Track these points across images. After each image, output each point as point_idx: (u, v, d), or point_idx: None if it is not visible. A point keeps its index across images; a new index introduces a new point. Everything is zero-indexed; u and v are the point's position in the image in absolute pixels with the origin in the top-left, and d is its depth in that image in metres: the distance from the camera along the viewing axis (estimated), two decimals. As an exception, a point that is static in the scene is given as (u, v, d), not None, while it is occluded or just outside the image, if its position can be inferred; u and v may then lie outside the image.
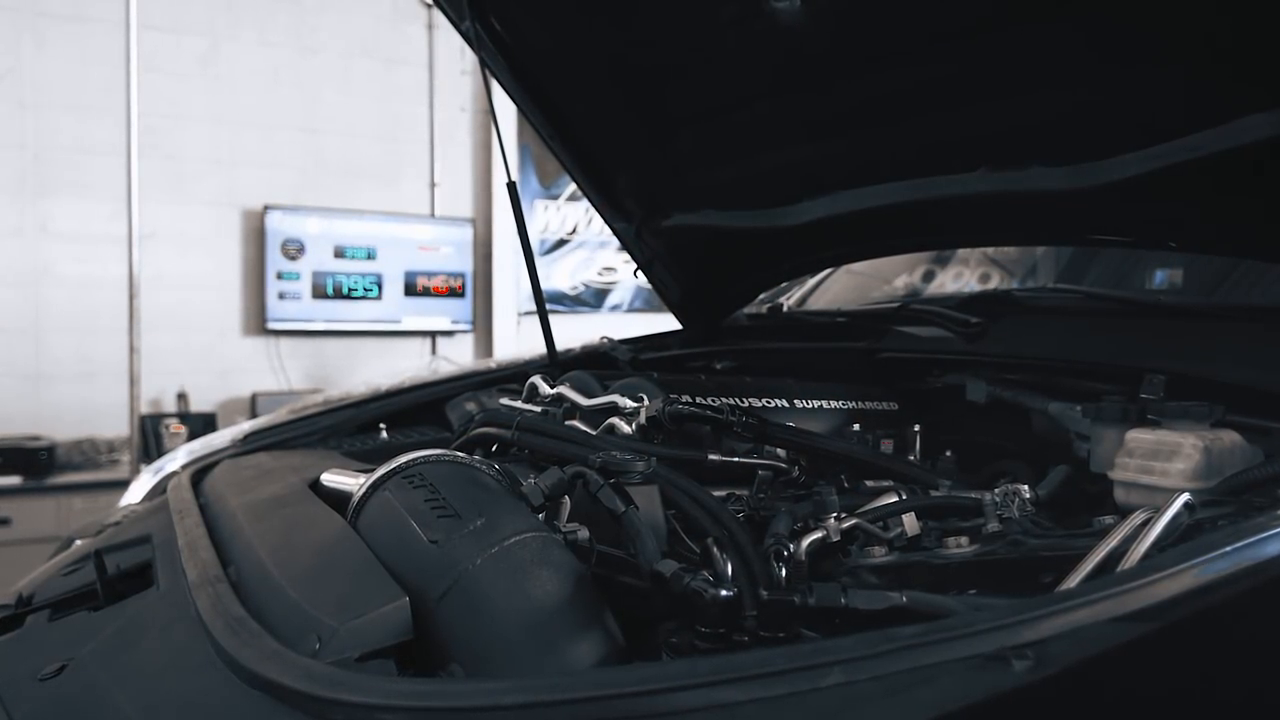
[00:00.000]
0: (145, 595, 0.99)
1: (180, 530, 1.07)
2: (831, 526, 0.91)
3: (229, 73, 5.08)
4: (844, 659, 0.57)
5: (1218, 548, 0.63)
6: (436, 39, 5.53)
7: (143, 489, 1.78)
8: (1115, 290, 1.61)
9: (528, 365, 2.14)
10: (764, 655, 0.58)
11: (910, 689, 0.54)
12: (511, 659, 0.71)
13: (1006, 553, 0.87)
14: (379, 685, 0.63)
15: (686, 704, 0.56)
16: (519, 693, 0.59)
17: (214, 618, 0.78)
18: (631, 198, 2.07)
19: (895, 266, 2.50)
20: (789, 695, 0.56)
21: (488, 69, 1.85)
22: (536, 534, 0.80)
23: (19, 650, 0.95)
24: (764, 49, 1.54)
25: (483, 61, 1.83)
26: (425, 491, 0.85)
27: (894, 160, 1.55)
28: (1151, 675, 0.58)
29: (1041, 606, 0.58)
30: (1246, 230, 1.23)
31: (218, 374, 5.15)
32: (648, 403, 1.20)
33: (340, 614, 0.73)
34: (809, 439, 1.18)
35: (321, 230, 5.23)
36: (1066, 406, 1.30)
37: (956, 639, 0.57)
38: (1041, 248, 2.30)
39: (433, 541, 0.79)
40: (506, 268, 5.77)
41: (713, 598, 0.69)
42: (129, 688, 0.77)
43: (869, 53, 1.43)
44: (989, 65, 1.33)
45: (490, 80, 1.87)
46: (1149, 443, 1.01)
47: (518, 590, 0.74)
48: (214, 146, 5.07)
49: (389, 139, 5.49)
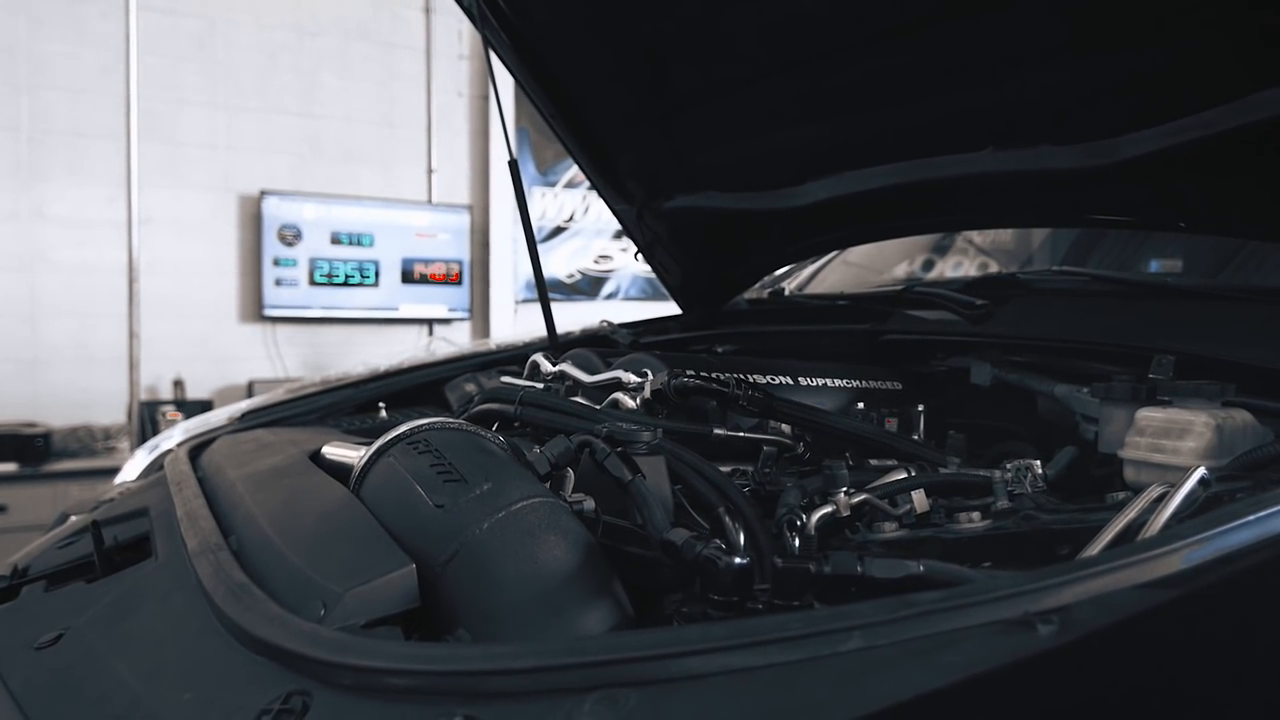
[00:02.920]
0: (143, 566, 0.98)
1: (179, 501, 1.06)
2: (841, 501, 0.90)
3: (226, 56, 5.05)
4: (863, 624, 0.55)
5: (1240, 517, 0.62)
6: (434, 23, 5.49)
7: (138, 467, 1.76)
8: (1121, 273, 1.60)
9: (527, 347, 2.13)
10: (780, 620, 0.57)
11: (934, 653, 0.52)
12: (519, 624, 0.70)
13: (1019, 527, 0.86)
14: (387, 648, 0.61)
15: (701, 668, 0.55)
16: (530, 656, 0.58)
17: (215, 584, 0.77)
18: (634, 179, 2.05)
19: (891, 257, 2.48)
20: (807, 660, 0.54)
21: (490, 46, 1.84)
22: (544, 499, 0.78)
23: (15, 620, 0.94)
24: (770, 27, 1.53)
25: (485, 39, 1.81)
26: (431, 457, 0.84)
27: (900, 140, 1.54)
28: (1174, 642, 0.57)
29: (1065, 573, 0.57)
30: (1257, 210, 1.22)
31: (214, 361, 5.12)
32: (652, 377, 1.19)
33: (345, 580, 0.72)
34: (815, 415, 1.17)
35: (318, 216, 5.20)
36: (1073, 389, 1.29)
37: (979, 604, 0.55)
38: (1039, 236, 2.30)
39: (438, 506, 0.77)
40: (504, 255, 5.75)
41: (726, 565, 0.68)
42: (128, 655, 0.76)
43: (875, 30, 1.42)
44: (996, 42, 1.32)
45: (492, 59, 1.85)
46: (1160, 421, 0.99)
47: (526, 555, 0.73)
48: (211, 131, 5.03)
49: (386, 124, 5.46)
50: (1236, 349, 1.15)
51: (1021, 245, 2.44)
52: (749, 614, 0.69)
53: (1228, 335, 1.19)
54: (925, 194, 1.54)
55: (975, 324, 1.43)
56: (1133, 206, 1.30)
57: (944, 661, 0.52)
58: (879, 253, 2.45)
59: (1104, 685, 0.53)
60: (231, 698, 0.65)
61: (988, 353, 1.43)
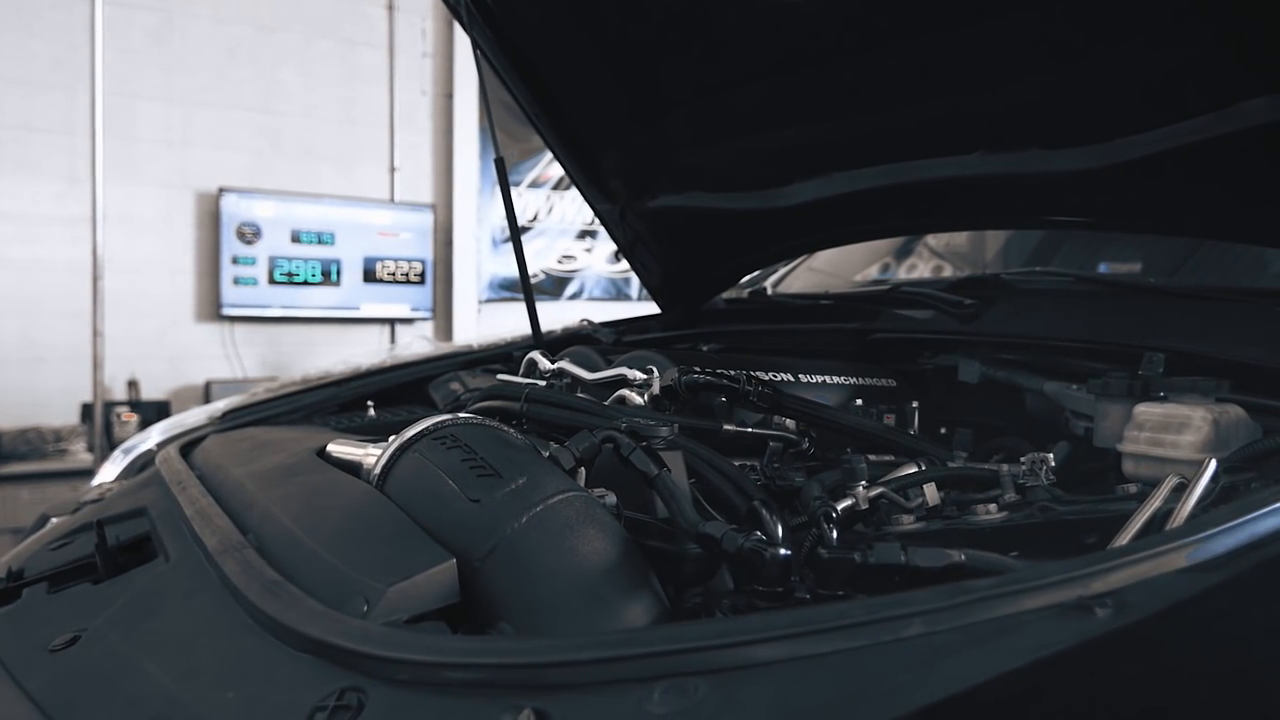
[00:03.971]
0: (152, 566, 0.96)
1: (184, 501, 1.03)
2: (860, 495, 0.91)
3: (182, 50, 4.94)
4: (923, 610, 0.57)
5: (1267, 505, 0.65)
6: (397, 20, 5.44)
7: (115, 468, 1.72)
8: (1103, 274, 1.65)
9: (510, 346, 2.13)
10: (842, 608, 0.58)
11: (998, 637, 0.54)
12: (562, 617, 0.70)
13: (1038, 518, 0.89)
14: (445, 643, 0.61)
15: (768, 656, 0.56)
16: (595, 647, 0.58)
17: (247, 582, 0.75)
18: (618, 178, 2.05)
19: (855, 262, 2.51)
20: (871, 646, 0.56)
21: (478, 49, 1.83)
22: (579, 493, 0.79)
23: (19, 623, 0.92)
24: (763, 28, 1.54)
25: (474, 41, 1.80)
26: (461, 451, 0.83)
27: (889, 142, 1.56)
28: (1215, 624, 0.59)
29: (1112, 559, 0.59)
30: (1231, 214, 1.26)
31: (169, 361, 5.02)
32: (657, 374, 1.20)
33: (385, 576, 0.71)
34: (822, 411, 1.18)
35: (278, 214, 5.12)
36: (1062, 385, 1.33)
37: (1034, 590, 0.57)
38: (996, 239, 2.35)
39: (474, 500, 0.77)
40: (467, 255, 5.71)
41: (772, 557, 0.69)
42: (158, 655, 0.74)
43: (869, 33, 1.44)
44: (987, 48, 1.34)
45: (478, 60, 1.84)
46: (1159, 416, 1.03)
47: (566, 548, 0.73)
48: (167, 126, 4.93)
49: (348, 122, 5.39)
50: (1220, 346, 1.19)
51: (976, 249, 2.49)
52: (800, 603, 0.70)
53: (1210, 332, 1.23)
54: (913, 195, 1.57)
55: (964, 323, 1.46)
56: (1123, 210, 1.34)
57: (1011, 645, 0.53)
58: (843, 258, 2.48)
59: (1158, 667, 0.55)
60: (278, 695, 0.64)
61: (976, 350, 1.46)
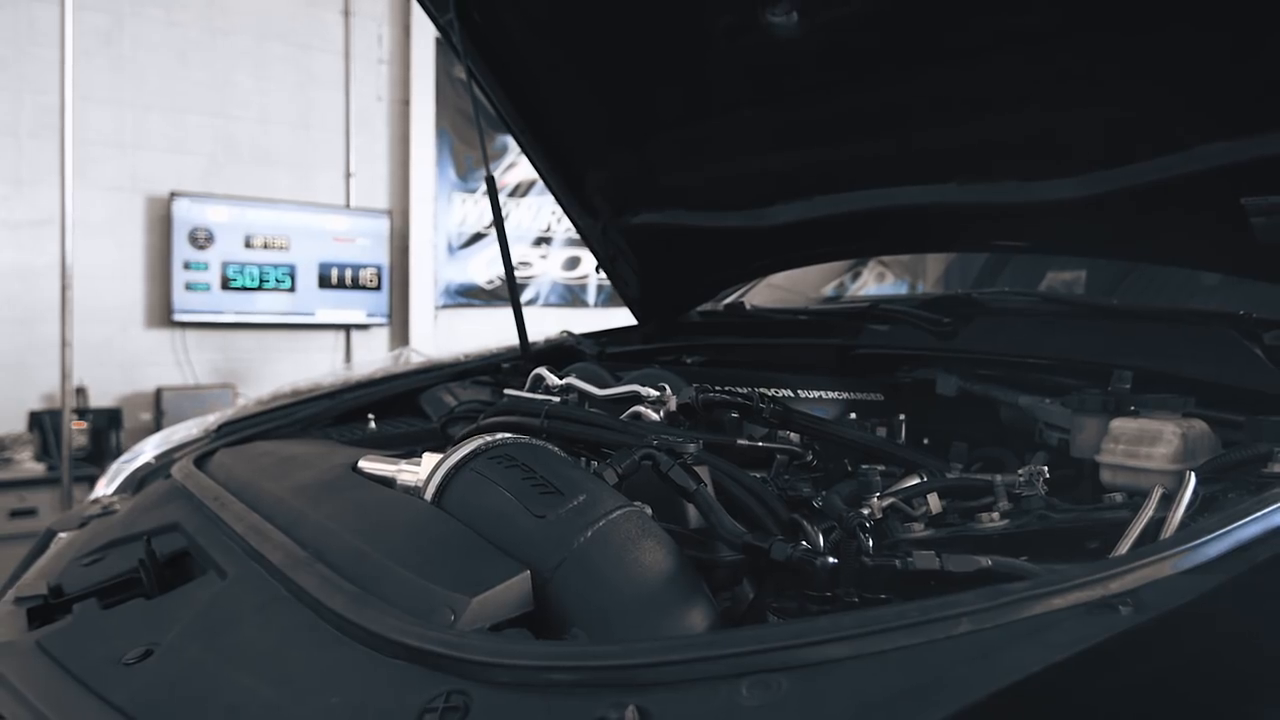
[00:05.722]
0: (204, 581, 1.00)
1: (229, 517, 1.07)
2: (875, 505, 1.00)
3: (132, 52, 4.87)
4: (970, 611, 0.65)
5: (1251, 514, 0.75)
6: (353, 26, 5.42)
7: (114, 482, 1.73)
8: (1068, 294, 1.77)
9: (497, 358, 2.17)
10: (900, 609, 0.66)
11: (1039, 633, 0.62)
12: (631, 623, 0.77)
13: (1037, 525, 0.99)
14: (546, 648, 0.68)
15: (838, 654, 0.64)
16: (686, 648, 0.65)
17: (329, 594, 0.81)
18: (601, 195, 2.12)
19: (813, 280, 2.61)
20: (926, 644, 0.64)
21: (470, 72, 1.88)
22: (634, 508, 0.86)
23: (82, 639, 0.95)
24: (754, 60, 1.63)
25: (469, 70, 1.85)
26: (521, 470, 0.90)
27: (871, 169, 1.66)
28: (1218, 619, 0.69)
29: (1126, 563, 0.68)
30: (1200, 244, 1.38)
31: (119, 367, 4.93)
32: (669, 391, 1.27)
33: (466, 588, 0.77)
34: (828, 426, 1.27)
35: (232, 219, 5.07)
36: (1036, 399, 1.44)
37: (1062, 591, 0.66)
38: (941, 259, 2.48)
39: (539, 516, 0.84)
40: (424, 261, 5.72)
41: (822, 565, 0.77)
42: (249, 666, 0.79)
43: (857, 69, 1.54)
44: (965, 85, 1.45)
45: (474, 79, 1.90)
46: (1133, 429, 1.13)
47: (630, 560, 0.80)
48: (116, 129, 4.85)
49: (303, 126, 5.36)
50: (1180, 364, 1.31)
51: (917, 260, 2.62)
52: (850, 607, 0.78)
53: (1170, 351, 1.36)
54: (892, 220, 1.67)
55: (943, 340, 1.57)
56: (1089, 237, 1.46)
57: (1051, 640, 0.62)
58: (802, 275, 2.58)
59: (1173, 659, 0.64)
60: (381, 700, 0.70)
61: (954, 365, 1.56)
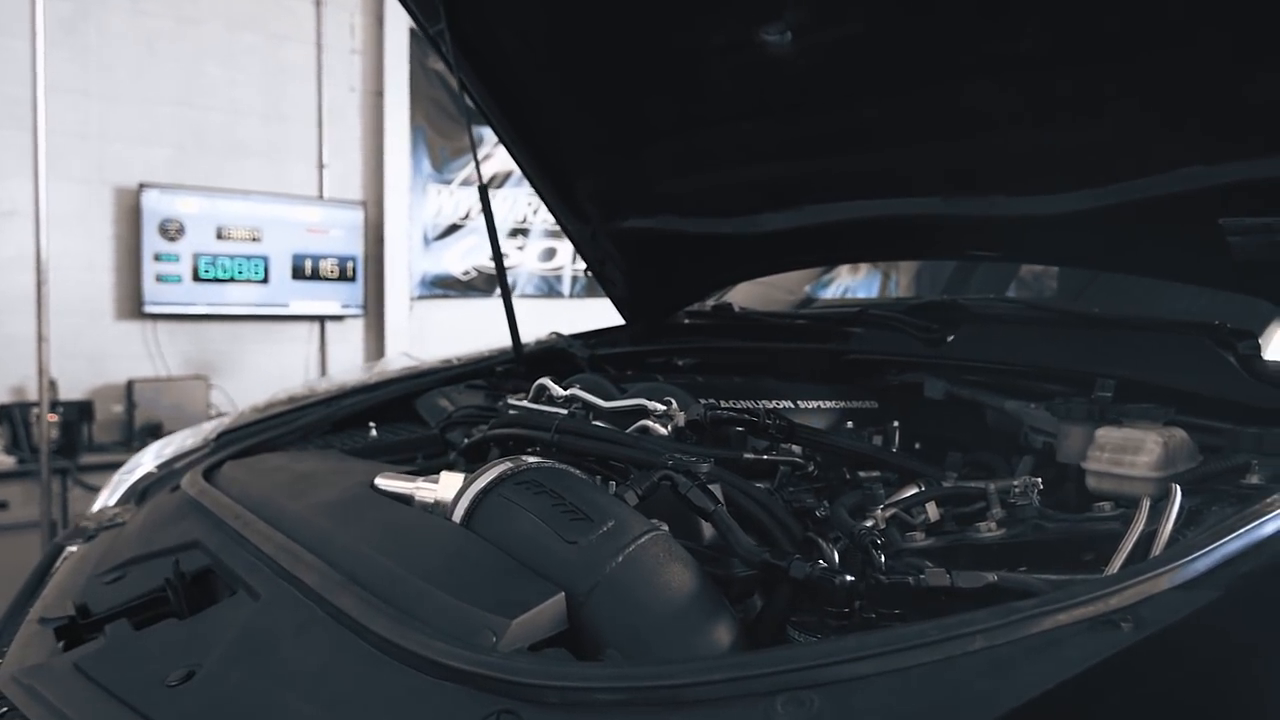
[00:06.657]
0: (236, 601, 1.02)
1: (256, 536, 1.10)
2: (879, 516, 1.05)
3: (99, 42, 4.79)
4: (983, 628, 0.70)
5: (1236, 530, 0.81)
6: (325, 16, 5.37)
7: (115, 493, 1.74)
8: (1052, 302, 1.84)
9: (490, 360, 2.20)
10: (920, 628, 0.71)
11: (1050, 648, 0.68)
12: (664, 642, 0.82)
13: (1032, 535, 1.05)
14: (592, 669, 0.72)
15: (866, 671, 0.69)
16: (724, 668, 0.70)
17: (371, 616, 0.84)
18: (592, 201, 2.15)
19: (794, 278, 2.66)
20: (944, 660, 0.69)
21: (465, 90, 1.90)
22: (660, 531, 0.90)
23: (119, 659, 0.96)
24: (747, 75, 1.67)
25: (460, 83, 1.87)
26: (549, 496, 0.94)
27: (861, 181, 1.71)
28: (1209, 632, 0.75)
29: (1125, 579, 0.74)
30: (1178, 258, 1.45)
31: (89, 360, 4.87)
32: (675, 406, 1.31)
33: (505, 610, 0.81)
34: (830, 439, 1.32)
35: (203, 210, 5.02)
36: (1022, 404, 1.50)
37: (1066, 608, 0.71)
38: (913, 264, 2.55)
39: (570, 542, 0.88)
40: (398, 252, 5.70)
41: (841, 582, 0.82)
42: (295, 688, 0.82)
43: (848, 87, 1.58)
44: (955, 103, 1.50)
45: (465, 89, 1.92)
46: (1117, 438, 1.20)
47: (661, 582, 0.85)
48: (82, 120, 4.77)
49: (275, 117, 5.30)
50: (1159, 373, 1.38)
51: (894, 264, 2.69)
52: (867, 623, 0.83)
53: (1149, 359, 1.42)
54: (881, 229, 1.73)
55: (932, 346, 1.63)
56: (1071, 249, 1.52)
57: (1061, 656, 0.67)
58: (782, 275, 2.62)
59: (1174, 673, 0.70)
60: (432, 719, 0.74)
61: (942, 370, 1.62)
